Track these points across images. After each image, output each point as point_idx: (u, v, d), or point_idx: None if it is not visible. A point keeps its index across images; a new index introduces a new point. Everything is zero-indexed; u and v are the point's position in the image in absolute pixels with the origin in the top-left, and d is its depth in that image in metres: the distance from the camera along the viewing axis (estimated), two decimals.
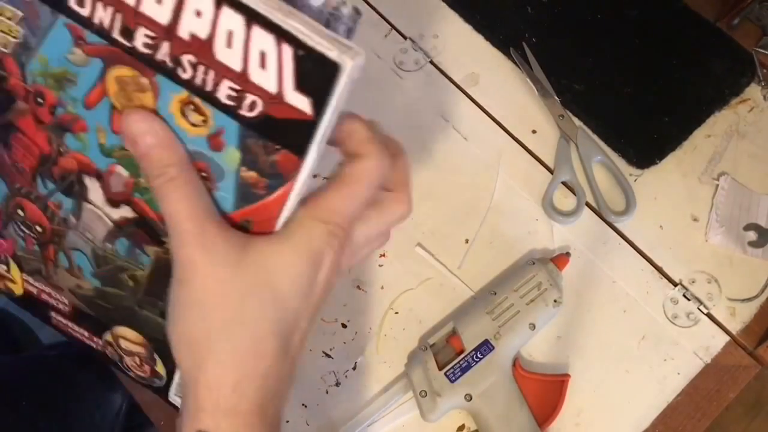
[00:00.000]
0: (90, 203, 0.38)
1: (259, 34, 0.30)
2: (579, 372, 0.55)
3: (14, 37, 0.36)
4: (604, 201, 0.60)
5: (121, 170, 0.37)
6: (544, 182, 0.62)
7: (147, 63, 0.33)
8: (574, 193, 0.61)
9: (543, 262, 0.56)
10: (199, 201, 0.33)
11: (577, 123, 0.63)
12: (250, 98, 0.32)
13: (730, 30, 0.67)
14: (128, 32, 0.32)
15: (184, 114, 0.33)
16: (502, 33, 0.68)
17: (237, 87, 0.32)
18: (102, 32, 0.33)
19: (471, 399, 0.51)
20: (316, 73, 0.30)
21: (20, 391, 0.73)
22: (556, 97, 0.64)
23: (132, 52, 0.33)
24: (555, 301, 0.54)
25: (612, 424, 0.54)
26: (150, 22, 0.32)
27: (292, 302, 0.33)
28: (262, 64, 0.31)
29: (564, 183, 0.62)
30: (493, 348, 0.52)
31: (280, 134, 0.32)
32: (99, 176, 0.37)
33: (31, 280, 0.43)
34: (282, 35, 0.30)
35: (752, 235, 0.59)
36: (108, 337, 0.42)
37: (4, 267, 0.44)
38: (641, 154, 0.63)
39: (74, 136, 0.37)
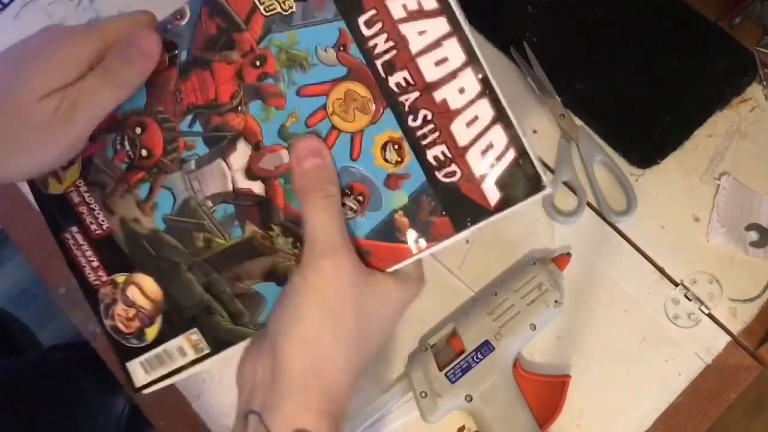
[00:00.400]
0: (225, 162, 0.40)
1: (497, 131, 0.35)
2: (580, 373, 0.55)
3: (284, 10, 0.38)
4: (605, 201, 0.60)
5: (284, 155, 0.39)
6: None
7: (387, 95, 0.36)
8: (575, 193, 0.61)
9: (544, 263, 0.56)
10: (343, 222, 0.37)
11: (578, 122, 0.63)
12: (453, 168, 0.36)
13: (732, 29, 0.67)
14: (392, 68, 0.36)
15: (384, 148, 0.37)
16: (503, 32, 0.67)
17: (449, 155, 0.36)
18: (366, 53, 0.36)
19: (471, 400, 0.51)
20: (520, 181, 0.35)
21: (25, 393, 0.72)
22: (557, 97, 0.64)
23: (379, 80, 0.36)
24: (556, 301, 0.54)
25: (613, 425, 0.54)
26: (417, 73, 0.36)
27: (391, 327, 0.39)
28: (484, 152, 0.36)
29: (565, 183, 0.61)
30: (494, 349, 0.52)
31: (456, 206, 0.36)
32: (257, 147, 0.39)
33: (84, 188, 0.42)
34: (514, 140, 0.35)
35: (754, 236, 0.59)
36: (120, 277, 0.42)
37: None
38: (642, 154, 0.62)
39: (264, 106, 0.39)
